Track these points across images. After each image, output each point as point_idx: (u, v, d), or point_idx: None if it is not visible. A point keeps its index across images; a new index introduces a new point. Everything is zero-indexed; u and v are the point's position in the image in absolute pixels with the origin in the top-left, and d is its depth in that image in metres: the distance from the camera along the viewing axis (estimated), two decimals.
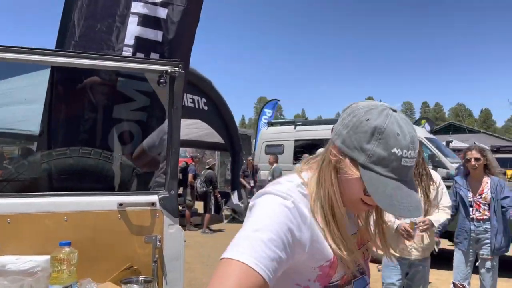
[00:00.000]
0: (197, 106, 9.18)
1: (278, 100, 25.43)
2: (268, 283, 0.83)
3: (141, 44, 2.46)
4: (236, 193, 11.03)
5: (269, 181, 10.06)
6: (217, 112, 10.16)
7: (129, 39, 2.43)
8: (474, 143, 7.15)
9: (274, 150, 12.46)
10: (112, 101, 2.48)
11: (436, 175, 3.28)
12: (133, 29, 2.44)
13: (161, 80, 1.96)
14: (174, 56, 2.41)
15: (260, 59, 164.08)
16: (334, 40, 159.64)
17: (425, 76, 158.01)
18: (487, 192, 3.70)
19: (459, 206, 3.85)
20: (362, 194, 0.96)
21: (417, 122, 16.64)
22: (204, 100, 9.46)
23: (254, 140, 17.48)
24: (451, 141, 9.66)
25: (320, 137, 11.84)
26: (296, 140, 12.47)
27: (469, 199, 3.77)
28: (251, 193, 10.90)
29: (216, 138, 11.07)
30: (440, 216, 3.13)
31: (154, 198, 1.98)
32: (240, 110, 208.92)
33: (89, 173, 2.19)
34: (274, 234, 0.88)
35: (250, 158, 10.88)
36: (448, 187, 3.48)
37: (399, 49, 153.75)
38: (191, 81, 9.06)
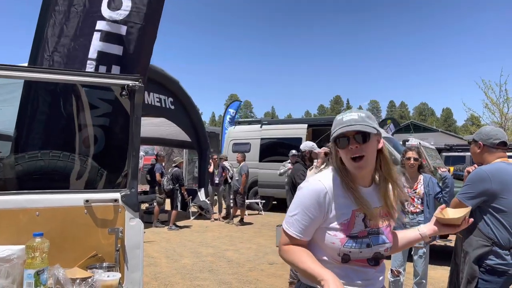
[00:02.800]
0: (163, 105, 9.40)
1: (241, 102, 25.92)
2: (299, 239, 1.51)
3: (104, 58, 2.75)
4: (203, 190, 11.33)
5: (237, 179, 10.43)
6: (184, 111, 10.40)
7: (93, 53, 2.72)
8: (419, 143, 7.74)
9: (241, 148, 12.81)
10: (79, 108, 2.75)
11: None
12: (96, 44, 2.72)
13: (123, 93, 2.26)
14: (134, 68, 2.71)
15: (233, 57, 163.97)
16: (304, 40, 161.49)
17: (392, 76, 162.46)
18: (420, 188, 4.16)
19: None
20: (343, 154, 1.50)
21: (383, 122, 17.23)
22: (171, 99, 9.70)
23: (222, 138, 17.77)
24: (408, 140, 10.28)
25: (286, 136, 12.29)
26: (262, 139, 12.88)
27: None
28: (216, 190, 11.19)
29: (184, 136, 11.31)
30: None
31: (117, 195, 2.27)
32: (211, 107, 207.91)
33: (59, 174, 2.47)
34: (306, 208, 1.49)
35: (215, 156, 11.16)
36: None
37: (367, 50, 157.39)
38: (158, 80, 9.28)
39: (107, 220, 2.24)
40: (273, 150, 12.59)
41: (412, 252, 4.18)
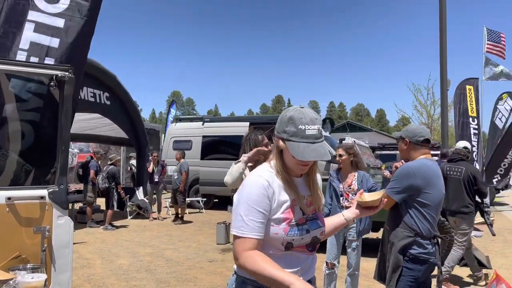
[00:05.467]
0: (98, 101, 8.95)
1: (174, 101, 25.75)
2: (260, 239, 1.49)
3: (36, 49, 2.59)
4: (141, 189, 11.00)
5: (176, 177, 10.24)
6: (121, 107, 9.98)
7: (24, 44, 2.56)
8: (354, 141, 8.10)
9: (182, 146, 12.60)
10: (3, 101, 2.56)
11: None
12: (28, 35, 2.56)
13: (52, 83, 2.13)
14: (70, 62, 2.57)
15: (176, 54, 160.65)
16: (247, 40, 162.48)
17: (332, 78, 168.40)
18: (354, 184, 4.36)
19: (333, 195, 4.48)
20: (294, 159, 1.51)
21: (322, 122, 17.87)
22: (107, 94, 9.25)
23: (163, 135, 17.39)
24: (344, 139, 10.73)
25: (228, 133, 12.28)
26: (204, 136, 12.75)
27: (340, 190, 4.41)
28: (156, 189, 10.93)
29: (121, 133, 10.89)
30: None
31: (44, 192, 2.14)
32: (152, 104, 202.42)
33: None
34: (256, 205, 1.48)
35: (155, 154, 10.89)
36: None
37: (308, 52, 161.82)
38: (93, 74, 8.83)
39: (33, 218, 2.10)
40: (215, 148, 12.54)
41: (346, 245, 4.36)
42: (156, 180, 10.76)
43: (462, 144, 5.62)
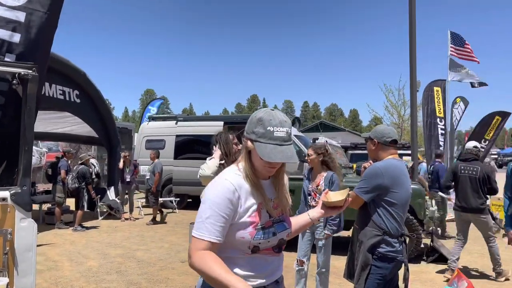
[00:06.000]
0: (68, 98, 8.71)
1: (163, 100, 25.34)
2: (217, 243, 1.47)
3: None
4: (112, 189, 10.78)
5: (147, 177, 10.09)
6: (91, 105, 9.76)
7: None
8: (326, 141, 8.21)
9: (155, 145, 12.41)
10: None
11: None
12: None
13: (14, 82, 2.06)
14: (32, 57, 2.48)
15: (150, 52, 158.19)
16: (223, 39, 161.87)
17: (306, 78, 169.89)
18: (322, 184, 4.40)
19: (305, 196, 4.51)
20: (261, 160, 1.51)
21: (292, 121, 18.02)
22: (76, 92, 9.02)
23: (136, 134, 17.10)
24: (317, 138, 10.86)
25: (202, 133, 12.16)
26: (177, 136, 12.60)
27: (308, 189, 4.45)
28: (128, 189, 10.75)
29: (92, 132, 10.65)
30: None
31: (6, 193, 2.07)
32: (124, 102, 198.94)
33: None
34: (218, 209, 1.47)
35: (126, 153, 10.69)
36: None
37: (283, 52, 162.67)
38: (62, 71, 8.59)
39: None
40: (188, 147, 12.42)
41: (315, 243, 4.41)
42: (128, 180, 10.56)
43: (472, 144, 5.85)
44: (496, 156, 40.95)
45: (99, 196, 10.35)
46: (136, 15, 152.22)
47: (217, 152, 3.29)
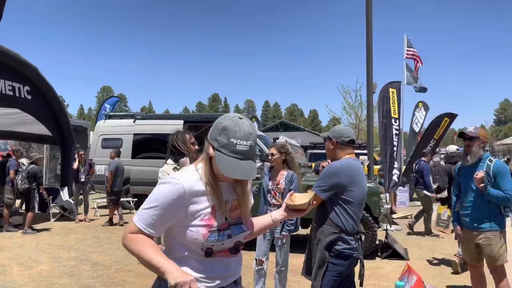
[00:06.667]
0: (17, 95, 8.21)
1: (119, 98, 24.69)
2: (147, 234, 1.47)
3: None
4: (66, 189, 10.36)
5: (106, 176, 9.77)
6: (43, 101, 9.29)
7: None
8: (286, 141, 8.30)
9: (111, 144, 12.02)
10: None
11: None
12: None
13: None
14: None
15: (107, 48, 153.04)
16: (184, 37, 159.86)
17: (267, 78, 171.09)
18: (282, 183, 4.44)
19: (263, 192, 4.53)
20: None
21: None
22: (27, 88, 8.54)
23: (92, 133, 16.52)
24: (278, 138, 10.94)
25: (161, 131, 11.90)
26: (135, 134, 12.28)
27: (268, 187, 4.48)
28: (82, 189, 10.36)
29: (44, 130, 10.17)
30: None
31: None
32: (79, 99, 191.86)
33: None
34: (161, 205, 1.46)
35: (81, 152, 10.31)
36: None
37: (244, 51, 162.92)
38: (12, 66, 8.13)
39: None
40: (147, 146, 12.14)
41: (274, 242, 4.44)
42: (82, 180, 10.19)
43: (454, 147, 6.19)
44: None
45: (52, 197, 9.92)
46: (93, 10, 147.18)
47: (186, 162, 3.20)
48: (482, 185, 3.76)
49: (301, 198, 1.76)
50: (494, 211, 3.81)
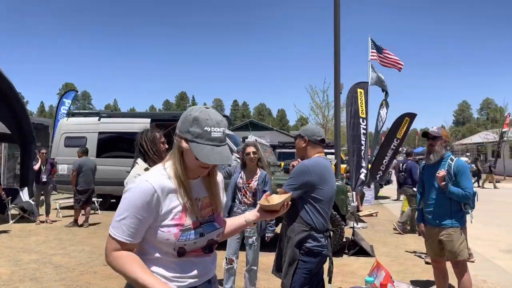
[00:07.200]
0: None
1: (77, 92, 23.96)
2: (129, 243, 1.44)
3: None
4: (26, 190, 9.95)
5: (69, 175, 9.44)
6: (2, 98, 8.92)
7: None
8: (256, 140, 8.32)
9: (75, 143, 11.65)
10: None
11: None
12: None
13: None
14: None
15: (69, 43, 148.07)
16: (151, 34, 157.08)
17: (236, 77, 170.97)
18: (254, 183, 4.44)
19: (235, 190, 4.51)
20: (196, 161, 1.47)
21: None
22: None
23: (53, 131, 15.96)
24: (247, 137, 10.97)
25: (127, 130, 11.61)
26: (100, 133, 11.94)
27: (239, 185, 4.46)
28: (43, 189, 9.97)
29: (3, 127, 9.75)
30: None
31: None
32: (40, 96, 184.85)
33: None
34: (134, 210, 1.43)
35: (43, 151, 9.92)
36: None
37: (212, 49, 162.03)
38: None
39: None
40: (112, 145, 11.84)
41: (244, 241, 4.44)
42: (44, 180, 9.81)
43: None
44: None
45: (10, 197, 9.50)
46: (58, 5, 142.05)
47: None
48: (444, 183, 3.90)
49: (277, 199, 1.75)
50: (455, 208, 3.96)
